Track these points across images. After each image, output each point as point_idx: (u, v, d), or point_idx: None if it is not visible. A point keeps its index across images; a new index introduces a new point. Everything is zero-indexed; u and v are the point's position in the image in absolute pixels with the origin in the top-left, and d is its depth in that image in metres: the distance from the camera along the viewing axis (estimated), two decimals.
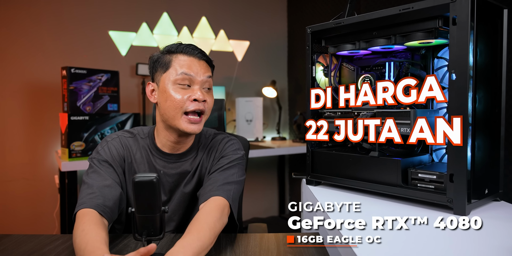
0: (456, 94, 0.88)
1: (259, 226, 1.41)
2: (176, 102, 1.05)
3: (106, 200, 1.00)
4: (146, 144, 1.15)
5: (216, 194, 1.03)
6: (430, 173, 0.98)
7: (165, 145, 1.14)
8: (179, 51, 1.10)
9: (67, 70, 2.16)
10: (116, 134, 1.17)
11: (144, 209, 0.80)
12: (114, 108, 2.37)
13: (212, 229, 0.92)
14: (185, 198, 1.16)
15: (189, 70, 1.07)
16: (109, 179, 1.05)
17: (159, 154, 1.14)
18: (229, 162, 1.14)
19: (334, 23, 1.15)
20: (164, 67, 1.09)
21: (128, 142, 1.15)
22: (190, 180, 1.16)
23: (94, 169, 1.08)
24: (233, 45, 3.45)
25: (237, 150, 1.18)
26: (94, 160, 1.10)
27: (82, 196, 1.00)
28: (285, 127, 3.70)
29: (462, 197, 0.88)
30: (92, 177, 1.05)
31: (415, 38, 1.04)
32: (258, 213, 3.54)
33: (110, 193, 1.02)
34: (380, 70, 1.19)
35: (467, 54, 0.87)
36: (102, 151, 1.11)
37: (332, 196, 1.12)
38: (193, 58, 1.09)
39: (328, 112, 1.22)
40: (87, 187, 1.03)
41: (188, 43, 1.12)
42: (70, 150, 2.12)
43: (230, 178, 1.10)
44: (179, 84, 1.06)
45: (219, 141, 1.20)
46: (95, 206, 0.97)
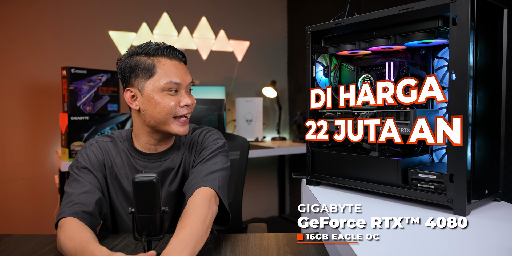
0: (456, 94, 0.88)
1: (259, 226, 1.41)
2: (167, 108, 1.05)
3: (84, 206, 0.99)
4: (125, 147, 1.15)
5: (201, 185, 1.02)
6: (430, 173, 0.98)
7: (144, 147, 1.13)
8: (160, 54, 1.06)
9: (67, 70, 2.16)
10: (95, 140, 1.16)
11: (144, 209, 0.80)
12: (114, 108, 2.37)
13: (204, 221, 0.91)
14: (171, 196, 1.15)
15: (176, 78, 1.05)
16: (87, 184, 1.05)
17: (139, 156, 1.14)
18: (210, 153, 1.13)
19: (334, 23, 1.15)
20: (148, 73, 1.05)
21: (107, 146, 1.15)
22: (174, 177, 1.15)
23: (74, 177, 1.07)
24: (233, 45, 3.45)
25: (216, 140, 1.17)
26: (74, 168, 1.09)
27: (62, 206, 1.00)
28: (285, 127, 3.70)
29: (462, 197, 0.88)
30: (72, 185, 1.05)
31: (415, 38, 1.03)
32: (258, 213, 3.54)
33: (88, 199, 1.01)
34: (380, 70, 1.19)
35: (467, 54, 0.86)
36: (81, 158, 1.11)
37: (332, 196, 1.12)
38: (175, 61, 1.08)
39: (328, 112, 1.22)
40: (66, 196, 1.02)
41: (161, 43, 1.08)
42: (70, 150, 2.12)
43: (213, 167, 1.09)
44: (167, 91, 1.05)
45: (198, 135, 1.19)
46: (73, 214, 0.96)
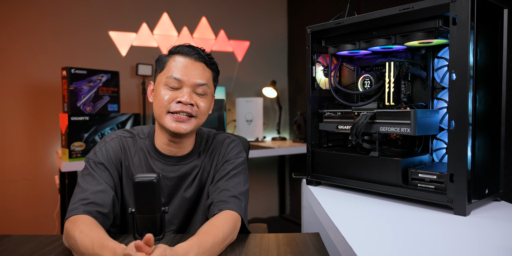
0: (456, 94, 0.88)
1: (259, 226, 1.41)
2: (162, 101, 1.04)
3: (99, 207, 0.99)
4: (145, 145, 1.14)
5: (230, 207, 1.02)
6: (430, 173, 0.98)
7: (162, 147, 1.12)
8: (176, 52, 1.08)
9: (67, 70, 2.16)
10: (115, 134, 1.15)
11: (144, 210, 0.80)
12: (114, 108, 2.37)
13: (224, 241, 0.92)
14: (185, 202, 1.14)
15: (179, 73, 1.05)
16: (103, 183, 1.04)
17: (158, 156, 1.12)
18: (233, 168, 1.13)
19: (334, 23, 1.15)
20: (161, 67, 1.09)
21: (127, 143, 1.13)
22: (190, 184, 1.14)
23: (89, 171, 1.06)
24: (233, 45, 3.45)
25: (239, 153, 1.18)
26: (91, 161, 1.08)
27: (75, 200, 0.99)
28: (285, 127, 3.70)
29: (463, 197, 0.88)
30: (87, 180, 1.04)
31: (415, 38, 1.03)
32: (258, 213, 3.54)
33: (104, 198, 1.01)
34: (380, 70, 1.19)
35: (467, 54, 0.86)
36: (100, 153, 1.09)
37: (332, 196, 1.12)
38: (189, 59, 1.07)
39: (328, 112, 1.22)
40: (80, 191, 1.02)
41: (190, 44, 1.10)
42: (70, 150, 2.12)
43: (238, 187, 1.09)
44: (168, 85, 1.05)
45: (221, 143, 1.18)
46: (88, 213, 0.96)
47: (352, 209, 0.98)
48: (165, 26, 3.13)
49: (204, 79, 1.08)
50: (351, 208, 0.99)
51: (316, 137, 1.28)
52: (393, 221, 0.87)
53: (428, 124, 1.03)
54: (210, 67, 1.11)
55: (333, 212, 0.94)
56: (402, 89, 1.17)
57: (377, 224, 0.86)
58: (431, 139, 1.16)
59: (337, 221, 0.87)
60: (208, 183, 1.16)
